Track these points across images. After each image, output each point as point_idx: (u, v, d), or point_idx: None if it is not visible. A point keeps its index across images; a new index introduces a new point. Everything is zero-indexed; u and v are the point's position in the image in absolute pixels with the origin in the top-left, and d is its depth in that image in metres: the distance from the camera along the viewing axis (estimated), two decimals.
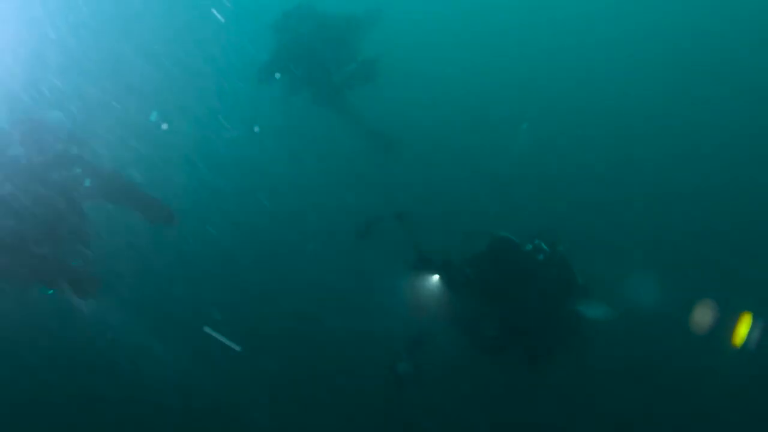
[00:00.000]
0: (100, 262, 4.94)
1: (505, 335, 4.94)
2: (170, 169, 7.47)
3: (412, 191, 8.19)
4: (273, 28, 7.72)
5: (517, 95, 10.22)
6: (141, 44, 9.88)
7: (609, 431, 6.05)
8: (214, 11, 8.88)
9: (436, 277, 4.70)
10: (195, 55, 9.83)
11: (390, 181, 8.59)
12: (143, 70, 9.62)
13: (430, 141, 9.31)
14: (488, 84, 10.40)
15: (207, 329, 5.71)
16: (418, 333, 4.86)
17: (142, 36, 10.02)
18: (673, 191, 8.69)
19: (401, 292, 4.78)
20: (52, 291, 4.88)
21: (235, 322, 6.41)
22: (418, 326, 4.86)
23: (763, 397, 5.74)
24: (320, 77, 7.95)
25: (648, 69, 10.68)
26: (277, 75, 7.88)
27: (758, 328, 4.79)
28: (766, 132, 9.18)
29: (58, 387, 5.67)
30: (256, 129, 8.84)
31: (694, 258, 7.47)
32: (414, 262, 4.74)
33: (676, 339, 6.29)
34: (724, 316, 5.84)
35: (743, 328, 4.67)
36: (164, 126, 8.10)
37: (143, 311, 6.16)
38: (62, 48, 8.96)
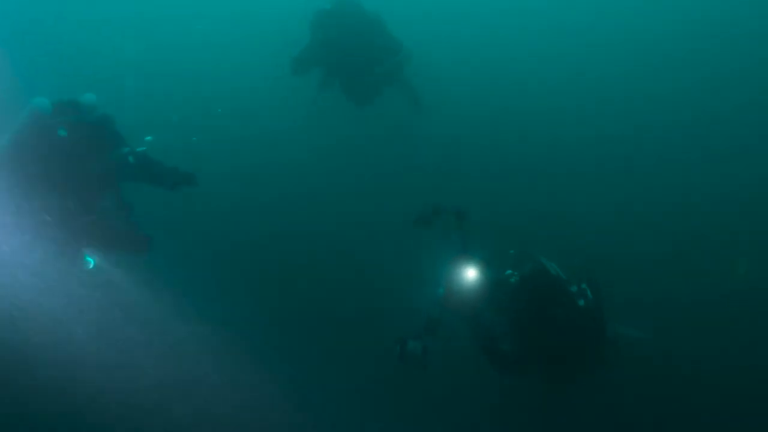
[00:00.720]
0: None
1: (523, 354, 4.88)
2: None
3: (446, 190, 8.08)
4: (310, 23, 7.80)
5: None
6: (175, 33, 10.10)
7: None
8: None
9: (476, 280, 4.65)
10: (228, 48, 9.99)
11: (421, 181, 8.50)
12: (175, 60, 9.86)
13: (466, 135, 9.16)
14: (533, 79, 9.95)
15: None
16: (438, 319, 4.82)
17: (178, 25, 10.24)
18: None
19: (437, 281, 4.76)
20: (93, 263, 5.16)
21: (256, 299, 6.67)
22: (441, 313, 4.79)
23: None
24: (357, 71, 7.98)
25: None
26: (311, 68, 7.97)
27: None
28: None
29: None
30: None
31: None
32: (459, 259, 4.68)
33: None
34: None
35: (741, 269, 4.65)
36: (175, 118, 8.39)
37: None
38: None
